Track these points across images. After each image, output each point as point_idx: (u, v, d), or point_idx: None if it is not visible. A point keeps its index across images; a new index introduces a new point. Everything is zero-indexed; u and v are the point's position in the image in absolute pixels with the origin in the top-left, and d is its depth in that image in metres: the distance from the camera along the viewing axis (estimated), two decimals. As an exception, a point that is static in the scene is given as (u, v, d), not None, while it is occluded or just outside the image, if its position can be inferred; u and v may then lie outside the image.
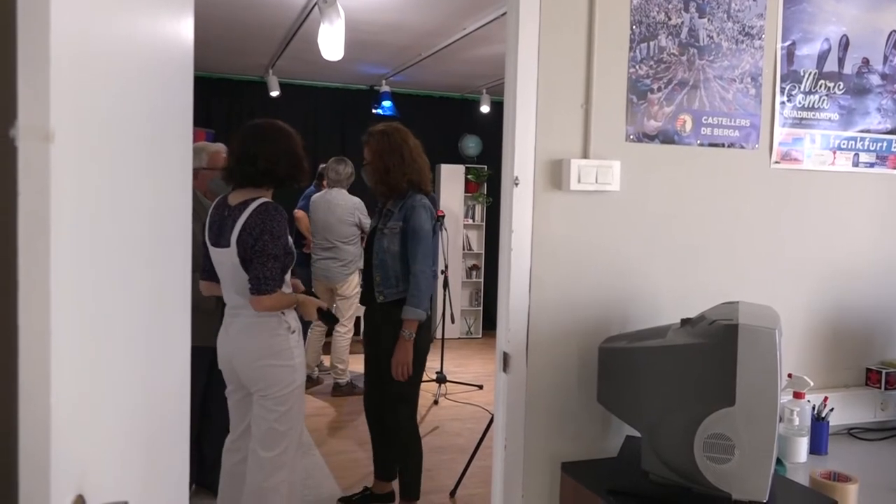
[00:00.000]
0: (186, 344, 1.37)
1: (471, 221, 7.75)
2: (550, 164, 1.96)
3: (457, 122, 7.73)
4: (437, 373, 5.29)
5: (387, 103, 6.88)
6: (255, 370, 2.48)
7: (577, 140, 1.98)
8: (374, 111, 6.92)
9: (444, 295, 5.32)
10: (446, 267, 5.40)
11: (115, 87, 0.96)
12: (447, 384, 5.34)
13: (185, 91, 1.35)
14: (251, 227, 2.40)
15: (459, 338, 7.53)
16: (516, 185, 1.92)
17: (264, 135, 2.54)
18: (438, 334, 5.65)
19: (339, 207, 5.00)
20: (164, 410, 1.24)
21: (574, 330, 2.00)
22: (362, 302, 3.21)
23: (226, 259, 2.45)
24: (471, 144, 7.74)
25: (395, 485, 3.36)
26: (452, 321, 5.32)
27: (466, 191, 7.62)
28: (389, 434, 3.24)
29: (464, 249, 7.68)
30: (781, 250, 2.25)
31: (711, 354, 1.59)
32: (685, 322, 1.77)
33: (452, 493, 3.55)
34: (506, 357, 1.95)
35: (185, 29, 1.34)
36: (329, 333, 5.24)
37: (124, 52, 1.00)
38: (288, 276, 2.60)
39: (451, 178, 7.52)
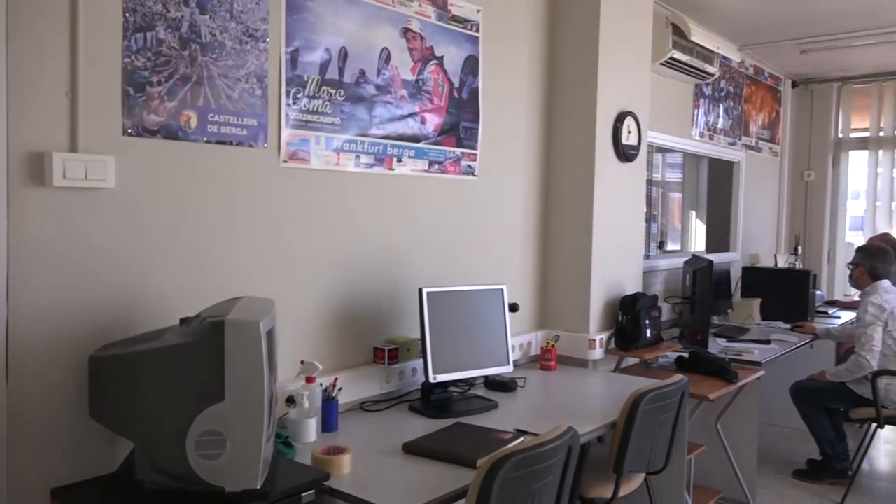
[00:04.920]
0: None
1: None
2: (30, 158, 1.74)
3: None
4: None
5: None
6: None
7: (62, 132, 1.80)
8: None
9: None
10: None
11: None
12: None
13: None
14: None
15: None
16: (-18, 180, 1.66)
17: None
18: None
19: None
20: None
21: (71, 340, 1.82)
22: None
23: None
24: None
25: None
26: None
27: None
28: None
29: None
30: (295, 244, 2.37)
31: (200, 352, 1.59)
32: (184, 322, 1.75)
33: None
34: (-22, 379, 1.68)
35: None
36: None
37: None
38: None
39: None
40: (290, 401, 2.22)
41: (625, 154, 3.48)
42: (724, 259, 5.36)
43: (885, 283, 3.95)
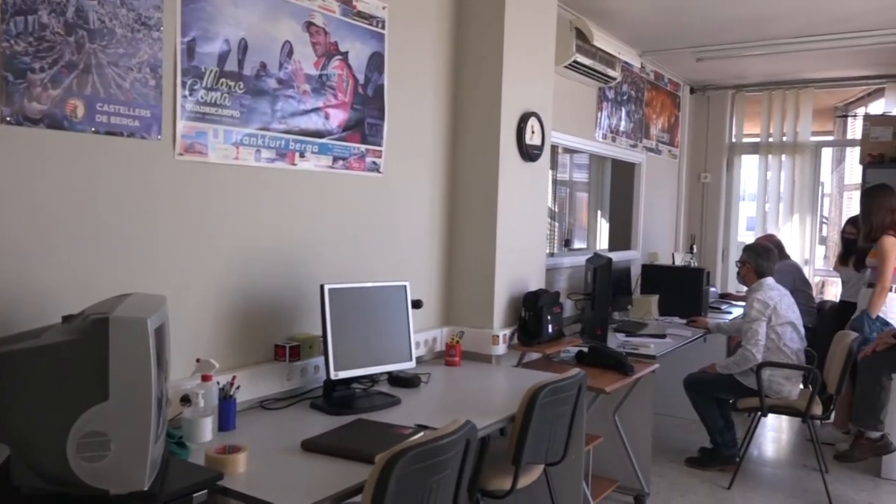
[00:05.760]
0: None
1: None
2: None
3: None
4: None
5: None
6: None
7: (-68, 118, 1.70)
8: None
9: None
10: None
11: None
12: None
13: None
14: None
15: None
16: None
17: None
18: None
19: None
20: None
21: (-59, 339, 1.72)
22: None
23: None
24: None
25: None
26: None
27: None
28: None
29: None
30: (192, 240, 2.31)
31: (82, 350, 1.53)
32: (66, 319, 1.68)
33: None
34: None
35: None
36: None
37: None
38: None
39: None
40: (186, 400, 2.17)
41: (528, 154, 3.56)
42: (626, 257, 5.56)
43: (770, 280, 4.19)
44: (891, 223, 4.36)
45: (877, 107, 6.66)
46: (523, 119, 3.52)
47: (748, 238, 6.90)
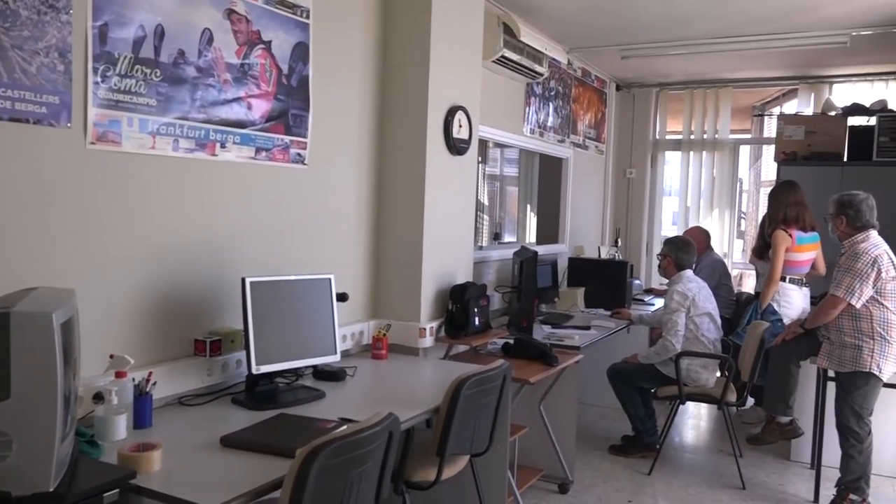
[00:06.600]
0: None
1: None
2: None
3: None
4: None
5: None
6: None
7: None
8: None
9: None
10: None
11: None
12: None
13: None
14: None
15: None
16: None
17: None
18: None
19: None
20: None
21: None
22: None
23: None
24: None
25: None
26: None
27: None
28: None
29: None
30: (106, 232, 2.23)
31: (-19, 347, 1.46)
32: (-35, 315, 1.60)
33: None
34: None
35: None
36: None
37: None
38: None
39: None
40: (98, 397, 2.10)
41: (456, 147, 3.58)
42: (553, 250, 5.66)
43: (689, 272, 4.34)
44: (783, 218, 4.57)
45: (791, 107, 6.97)
46: (450, 113, 3.53)
47: (672, 232, 7.11)
